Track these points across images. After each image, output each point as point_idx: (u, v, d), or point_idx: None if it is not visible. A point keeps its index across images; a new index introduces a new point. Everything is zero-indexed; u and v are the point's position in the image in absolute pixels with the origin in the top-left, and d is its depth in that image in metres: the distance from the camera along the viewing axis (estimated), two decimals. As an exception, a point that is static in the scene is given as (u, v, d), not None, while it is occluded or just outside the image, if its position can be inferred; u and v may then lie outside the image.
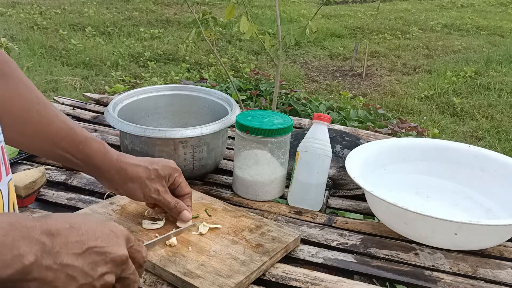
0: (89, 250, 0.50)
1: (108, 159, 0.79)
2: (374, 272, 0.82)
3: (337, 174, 1.08)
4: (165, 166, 0.84)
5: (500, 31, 6.36)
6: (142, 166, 0.81)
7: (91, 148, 0.77)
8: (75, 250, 0.49)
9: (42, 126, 0.73)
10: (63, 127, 0.75)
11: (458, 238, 0.85)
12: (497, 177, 1.04)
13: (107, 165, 0.79)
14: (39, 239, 0.47)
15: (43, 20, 5.57)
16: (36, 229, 0.47)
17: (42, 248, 0.47)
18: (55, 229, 0.48)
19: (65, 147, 0.75)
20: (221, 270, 0.76)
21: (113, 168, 0.79)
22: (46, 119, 0.73)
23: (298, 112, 2.87)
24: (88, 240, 0.50)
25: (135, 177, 0.80)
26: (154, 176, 0.82)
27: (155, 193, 0.82)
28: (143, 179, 0.81)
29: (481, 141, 3.32)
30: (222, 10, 6.34)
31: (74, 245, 0.49)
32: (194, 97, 1.26)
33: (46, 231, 0.48)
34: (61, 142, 0.75)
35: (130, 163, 0.80)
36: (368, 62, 4.88)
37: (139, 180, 0.81)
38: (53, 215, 0.51)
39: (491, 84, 4.25)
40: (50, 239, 0.47)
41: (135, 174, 0.80)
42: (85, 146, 0.77)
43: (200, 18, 1.88)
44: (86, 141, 0.77)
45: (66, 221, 0.50)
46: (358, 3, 8.09)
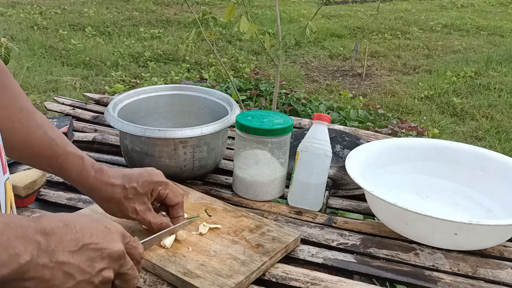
0: (84, 247, 0.50)
1: (85, 177, 0.75)
2: (374, 272, 0.82)
3: (337, 174, 1.08)
4: (146, 182, 0.78)
5: (500, 31, 6.36)
6: (119, 186, 0.76)
7: (69, 164, 0.74)
8: (71, 247, 0.49)
9: (24, 137, 0.71)
10: (44, 139, 0.73)
11: (458, 238, 0.85)
12: (497, 177, 1.04)
13: (84, 182, 0.76)
14: (34, 238, 0.47)
15: (43, 20, 5.57)
16: (31, 229, 0.47)
17: (38, 247, 0.47)
18: (50, 228, 0.48)
19: (47, 159, 0.73)
20: (221, 270, 0.76)
21: (89, 186, 0.76)
22: (28, 129, 0.71)
23: (298, 112, 2.87)
24: (83, 237, 0.50)
25: (110, 198, 0.77)
26: (132, 195, 0.77)
27: (133, 213, 0.78)
28: (119, 199, 0.77)
29: (481, 141, 3.32)
30: (222, 10, 6.34)
31: (70, 242, 0.49)
32: (194, 97, 1.25)
33: (41, 230, 0.48)
34: (42, 154, 0.73)
35: (106, 183, 0.76)
36: (368, 62, 4.88)
37: (115, 201, 0.77)
38: (47, 214, 0.51)
39: (491, 84, 4.25)
40: (45, 238, 0.47)
41: (110, 195, 0.76)
42: (64, 160, 0.74)
43: (200, 18, 1.88)
44: (65, 155, 0.74)
45: (60, 220, 0.50)
46: (358, 3, 8.09)
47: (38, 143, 0.73)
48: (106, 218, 0.56)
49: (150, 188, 0.79)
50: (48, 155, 0.73)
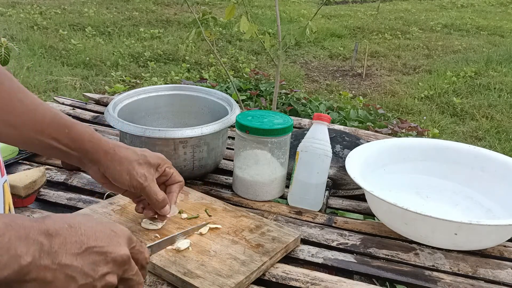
0: (88, 250, 0.49)
1: (96, 140, 0.76)
2: (374, 272, 0.82)
3: (337, 174, 1.08)
4: (155, 155, 0.81)
5: (500, 31, 6.36)
6: (131, 150, 0.79)
7: (78, 131, 0.74)
8: (74, 250, 0.48)
9: (26, 114, 0.70)
10: (47, 113, 0.72)
11: (458, 238, 0.85)
12: (497, 177, 1.04)
13: (95, 146, 0.76)
14: (37, 239, 0.46)
15: (43, 20, 5.57)
16: (34, 229, 0.46)
17: (40, 248, 0.46)
18: (54, 229, 0.48)
19: (51, 133, 0.72)
20: (221, 270, 0.76)
21: (100, 149, 0.76)
22: (29, 106, 0.70)
23: (298, 112, 2.87)
24: (88, 240, 0.49)
25: (123, 159, 0.77)
26: (143, 162, 0.79)
27: (141, 178, 0.78)
28: (131, 161, 0.77)
29: (481, 141, 3.32)
30: (222, 10, 6.34)
31: (73, 245, 0.48)
32: (194, 97, 1.26)
33: (44, 231, 0.47)
34: (47, 128, 0.72)
35: (118, 145, 0.78)
36: (368, 62, 4.88)
37: (126, 162, 0.77)
38: (52, 215, 0.50)
39: (491, 84, 4.25)
40: (48, 239, 0.47)
41: (123, 155, 0.77)
42: (71, 129, 0.74)
43: (200, 18, 1.88)
44: (72, 125, 0.74)
45: (65, 222, 0.49)
46: (358, 3, 8.09)
47: (42, 118, 0.71)
48: (112, 222, 0.55)
49: (158, 162, 0.81)
50: (54, 128, 0.72)
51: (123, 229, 0.54)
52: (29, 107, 0.70)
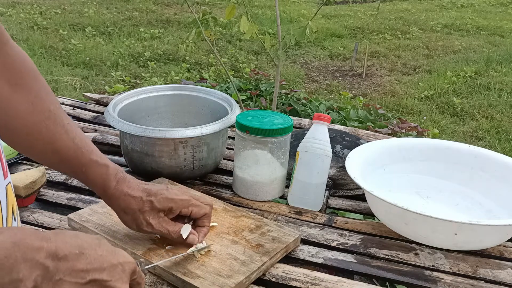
0: (92, 282, 0.49)
1: (107, 187, 0.76)
2: (374, 272, 0.82)
3: (337, 174, 1.08)
4: (164, 198, 0.76)
5: (500, 31, 6.36)
6: (137, 197, 0.76)
7: (93, 173, 0.75)
8: (78, 279, 0.48)
9: (49, 143, 0.71)
10: (70, 146, 0.73)
11: (458, 238, 0.85)
12: (497, 177, 1.04)
13: (105, 193, 0.77)
14: (43, 262, 0.45)
15: (43, 20, 5.57)
16: (42, 252, 0.45)
17: (44, 273, 0.45)
18: (63, 254, 0.47)
19: (71, 167, 0.75)
20: (221, 270, 0.76)
21: (110, 197, 0.77)
22: (54, 135, 0.71)
23: (298, 112, 2.87)
24: (94, 271, 0.49)
25: (127, 208, 0.76)
26: (148, 209, 0.76)
27: (148, 227, 0.77)
28: (134, 211, 0.76)
29: (481, 141, 3.32)
30: (222, 10, 6.34)
31: (79, 274, 0.48)
32: (194, 97, 1.25)
33: (53, 254, 0.46)
34: (67, 161, 0.73)
35: (125, 193, 0.76)
36: (368, 62, 4.88)
37: (131, 212, 0.77)
38: (66, 234, 0.50)
39: (491, 84, 4.25)
40: (54, 263, 0.46)
41: (127, 205, 0.76)
42: (88, 169, 0.75)
43: (200, 18, 1.88)
44: (90, 164, 0.75)
45: (77, 245, 0.49)
46: (358, 3, 8.09)
47: (63, 150, 0.72)
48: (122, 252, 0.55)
49: (168, 206, 0.77)
50: (74, 164, 0.74)
51: (130, 262, 0.54)
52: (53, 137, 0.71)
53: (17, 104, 0.67)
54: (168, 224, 0.78)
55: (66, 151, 0.73)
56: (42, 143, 0.71)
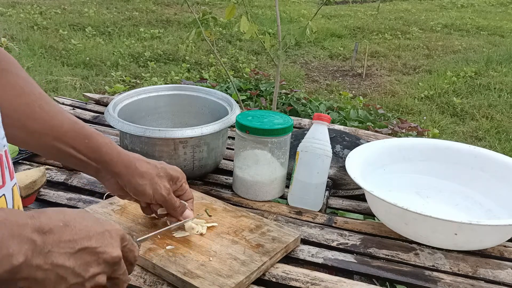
0: (82, 250, 0.49)
1: (116, 152, 0.76)
2: (374, 272, 0.82)
3: (337, 174, 1.08)
4: (173, 168, 0.82)
5: (500, 31, 6.36)
6: (151, 164, 0.79)
7: (97, 142, 0.74)
8: (68, 249, 0.48)
9: (44, 121, 0.70)
10: (66, 121, 0.73)
11: (458, 238, 0.85)
12: (497, 177, 1.04)
13: (115, 158, 0.76)
14: (30, 237, 0.45)
15: (43, 20, 5.57)
16: (28, 227, 0.46)
17: (33, 247, 0.45)
18: (48, 228, 0.47)
19: (69, 141, 0.73)
20: (221, 270, 0.76)
21: (121, 162, 0.76)
22: (48, 113, 0.71)
23: (298, 112, 2.87)
24: (82, 240, 0.49)
25: (144, 172, 0.77)
26: (164, 174, 0.80)
27: (165, 191, 0.79)
28: (153, 176, 0.78)
29: (481, 141, 3.32)
30: (222, 10, 6.34)
31: (67, 244, 0.48)
32: (194, 97, 1.26)
33: (38, 229, 0.46)
34: (65, 136, 0.72)
35: (138, 158, 0.79)
36: (368, 62, 4.88)
37: (149, 176, 0.78)
38: (48, 210, 0.50)
39: (491, 84, 4.25)
40: (41, 237, 0.46)
41: (145, 169, 0.78)
42: (91, 139, 0.74)
43: (200, 18, 1.88)
44: (92, 135, 0.74)
45: (61, 219, 0.49)
46: (358, 3, 8.09)
47: (61, 125, 0.72)
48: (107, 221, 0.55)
49: (177, 176, 0.82)
50: (72, 137, 0.73)
51: (117, 229, 0.54)
52: (48, 114, 0.71)
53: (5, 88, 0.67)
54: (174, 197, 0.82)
55: (64, 126, 0.72)
56: (37, 121, 0.70)
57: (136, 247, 0.58)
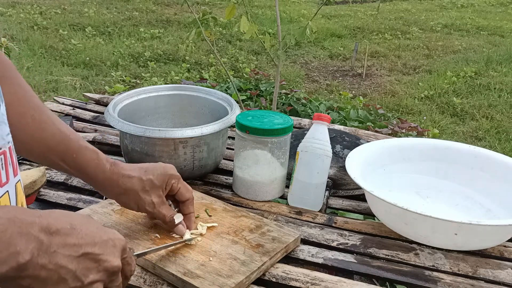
0: (85, 255, 0.50)
1: (101, 170, 0.77)
2: (374, 272, 0.82)
3: (337, 174, 1.08)
4: (161, 174, 0.80)
5: (500, 31, 6.36)
6: (136, 177, 0.78)
7: (84, 158, 0.75)
8: (72, 252, 0.49)
9: (36, 132, 0.71)
10: (57, 134, 0.73)
11: (458, 238, 0.85)
12: (497, 177, 1.04)
13: (100, 176, 0.77)
14: (37, 236, 0.46)
15: (43, 20, 5.57)
16: (35, 226, 0.47)
17: (39, 246, 0.46)
18: (55, 228, 0.48)
19: (59, 155, 0.74)
20: (221, 270, 0.76)
21: (106, 180, 0.77)
22: (40, 124, 0.72)
23: (298, 112, 2.87)
24: (86, 245, 0.50)
25: (128, 189, 0.77)
26: (149, 188, 0.78)
27: (149, 206, 0.79)
28: (136, 191, 0.78)
29: (481, 141, 3.32)
30: (222, 10, 6.34)
31: (72, 247, 0.49)
32: (194, 97, 1.26)
33: (45, 229, 0.47)
34: (55, 149, 0.73)
35: (122, 175, 0.78)
36: (368, 62, 4.88)
37: (132, 193, 0.78)
38: (56, 212, 0.51)
39: (491, 84, 4.25)
40: (48, 237, 0.47)
41: (128, 186, 0.77)
42: (78, 155, 0.75)
43: (200, 18, 1.88)
44: (80, 150, 0.75)
45: (68, 222, 0.50)
46: (358, 3, 8.09)
47: (51, 138, 0.73)
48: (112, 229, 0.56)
49: (165, 181, 0.80)
50: (62, 150, 0.74)
51: (120, 239, 0.55)
52: (40, 126, 0.72)
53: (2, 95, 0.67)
54: (165, 208, 0.81)
55: (54, 139, 0.73)
56: (28, 133, 0.71)
57: (134, 262, 0.59)
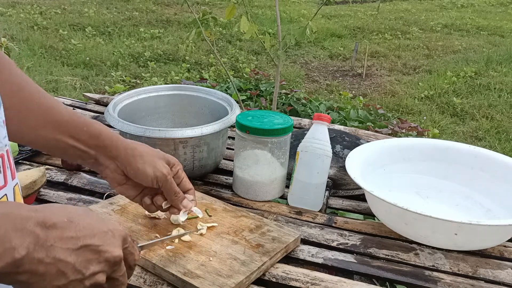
0: (84, 247, 0.49)
1: (115, 136, 0.78)
2: (374, 272, 0.83)
3: (337, 174, 1.08)
4: (168, 156, 0.83)
5: (500, 31, 6.36)
6: (149, 147, 0.81)
7: (96, 128, 0.76)
8: (70, 245, 0.48)
9: (44, 114, 0.72)
10: (65, 112, 0.74)
11: (458, 238, 0.85)
12: (497, 177, 1.04)
13: (114, 142, 0.77)
14: (33, 230, 0.45)
15: (43, 20, 5.57)
16: (31, 220, 0.46)
17: (35, 240, 0.45)
18: (52, 222, 0.47)
19: (69, 131, 0.74)
20: (221, 270, 0.76)
21: (120, 145, 0.78)
22: (47, 106, 0.72)
23: (298, 112, 2.87)
24: (85, 237, 0.49)
25: (144, 153, 0.79)
26: (162, 157, 0.81)
27: (165, 170, 0.79)
28: (153, 155, 0.80)
29: (481, 141, 3.32)
30: (222, 10, 6.34)
31: (70, 240, 0.48)
32: (194, 97, 1.26)
33: (42, 223, 0.46)
34: (64, 126, 0.74)
35: (137, 142, 0.80)
36: (368, 62, 4.88)
37: (148, 156, 0.79)
38: (53, 206, 0.50)
39: (491, 84, 4.25)
40: (44, 231, 0.46)
41: (143, 150, 0.79)
42: (90, 126, 0.75)
43: (200, 18, 1.88)
44: (91, 122, 0.76)
45: (65, 215, 0.49)
46: (358, 3, 8.09)
47: (60, 117, 0.73)
48: (110, 221, 0.55)
49: (173, 162, 0.83)
50: (73, 125, 0.74)
51: (119, 229, 0.54)
52: (47, 108, 0.72)
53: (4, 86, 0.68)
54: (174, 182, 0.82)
55: (64, 117, 0.74)
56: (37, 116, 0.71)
57: (137, 251, 0.58)
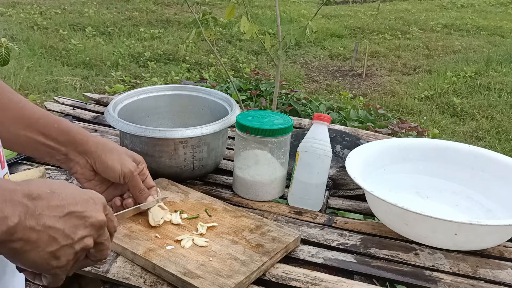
0: (69, 214, 0.52)
1: (84, 133, 0.81)
2: (374, 272, 0.83)
3: (337, 174, 1.08)
4: (135, 153, 0.87)
5: (500, 31, 6.36)
6: (117, 144, 0.85)
7: (66, 125, 0.79)
8: (56, 213, 0.51)
9: (15, 110, 0.74)
10: (36, 110, 0.77)
11: (458, 238, 0.85)
12: (497, 177, 1.04)
13: (84, 138, 0.80)
14: (21, 201, 0.48)
15: (43, 20, 5.57)
16: (18, 192, 0.48)
17: (25, 210, 0.48)
18: (37, 193, 0.50)
19: (39, 128, 0.76)
20: (221, 270, 0.76)
21: (90, 141, 0.81)
22: (18, 103, 0.75)
23: (298, 112, 2.87)
24: (69, 205, 0.52)
25: (114, 150, 0.83)
26: (129, 155, 0.85)
27: (132, 167, 0.83)
28: (121, 152, 0.84)
29: (481, 141, 3.32)
30: (222, 10, 6.33)
31: (56, 209, 0.51)
32: (194, 97, 1.25)
33: (28, 195, 0.49)
34: (36, 123, 0.76)
35: (106, 139, 0.84)
36: (368, 62, 4.88)
37: (117, 154, 0.83)
38: (34, 180, 0.54)
39: (491, 84, 4.25)
40: (32, 202, 0.49)
41: (114, 147, 0.83)
42: (61, 123, 0.79)
43: (200, 18, 1.88)
44: (61, 120, 0.79)
45: (47, 186, 0.52)
46: (358, 3, 8.09)
47: (31, 113, 0.76)
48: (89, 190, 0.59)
49: (139, 160, 0.87)
50: (43, 123, 0.77)
51: (99, 197, 0.57)
52: (18, 104, 0.75)
53: None
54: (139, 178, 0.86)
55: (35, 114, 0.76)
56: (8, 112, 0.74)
57: (115, 218, 0.61)
